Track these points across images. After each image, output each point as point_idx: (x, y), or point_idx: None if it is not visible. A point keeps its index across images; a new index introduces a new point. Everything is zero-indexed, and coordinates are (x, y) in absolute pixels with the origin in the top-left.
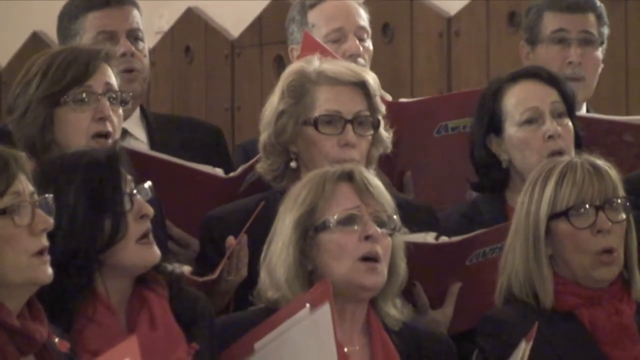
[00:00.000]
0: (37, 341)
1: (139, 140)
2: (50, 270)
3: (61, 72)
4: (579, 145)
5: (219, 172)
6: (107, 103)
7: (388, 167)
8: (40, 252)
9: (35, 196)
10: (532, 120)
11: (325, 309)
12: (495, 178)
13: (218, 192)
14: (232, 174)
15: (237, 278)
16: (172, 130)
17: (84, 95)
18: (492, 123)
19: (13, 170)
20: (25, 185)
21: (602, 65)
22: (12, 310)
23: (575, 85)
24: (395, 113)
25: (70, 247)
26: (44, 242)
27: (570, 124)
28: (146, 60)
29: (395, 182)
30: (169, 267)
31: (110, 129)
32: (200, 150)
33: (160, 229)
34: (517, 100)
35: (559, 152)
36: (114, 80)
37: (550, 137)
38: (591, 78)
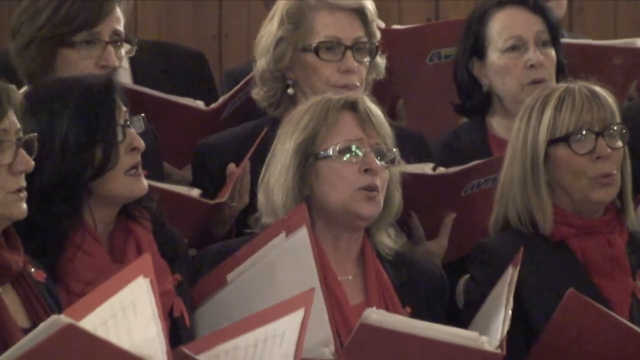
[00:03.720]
0: (13, 270)
1: (122, 67)
2: (25, 207)
3: (72, 14)
4: (562, 73)
5: (199, 104)
6: (112, 50)
7: (381, 94)
8: (18, 190)
9: (21, 134)
10: (515, 47)
11: (303, 233)
12: (476, 101)
13: (200, 124)
14: (212, 105)
15: (239, 205)
16: (155, 57)
17: (91, 40)
18: (476, 47)
19: (4, 106)
20: (12, 122)
21: None
22: None
23: None
24: (389, 40)
25: (60, 173)
26: (22, 182)
27: (553, 53)
28: None
29: (388, 110)
30: (153, 204)
31: None
32: (183, 76)
33: (156, 158)
34: (501, 27)
35: (540, 81)
36: (122, 24)
37: (532, 65)
38: None
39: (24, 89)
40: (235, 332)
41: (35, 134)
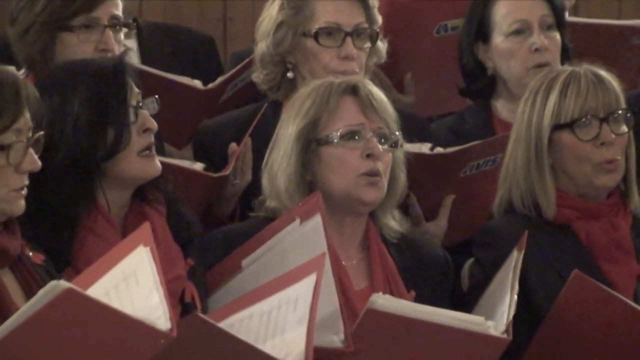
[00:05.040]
0: (11, 254)
1: (130, 49)
2: (23, 203)
3: None
4: (567, 57)
5: (197, 83)
6: (111, 34)
7: (389, 67)
8: (20, 188)
9: (30, 133)
10: (520, 31)
11: (317, 220)
12: (481, 84)
13: (198, 104)
14: (210, 85)
15: (242, 182)
16: (163, 39)
17: (89, 25)
18: (481, 30)
19: (22, 104)
20: (27, 121)
21: None
22: None
23: None
24: (396, 12)
25: (72, 154)
26: (25, 181)
27: (558, 36)
28: None
29: (395, 83)
30: (169, 186)
31: None
32: (191, 59)
33: (157, 136)
34: (506, 11)
35: (544, 65)
36: (120, 9)
37: (536, 49)
38: None
39: (22, 71)
40: (249, 302)
41: (44, 132)
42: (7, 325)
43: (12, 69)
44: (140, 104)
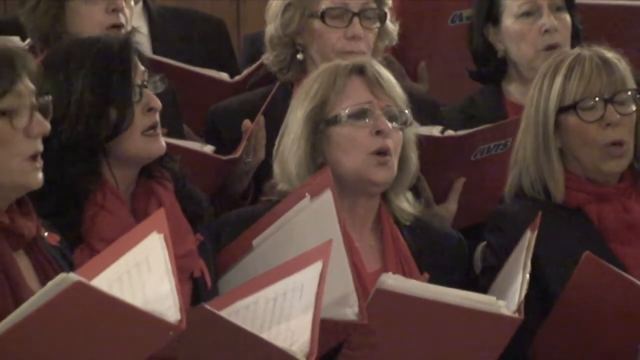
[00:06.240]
0: (26, 236)
1: (141, 32)
2: (40, 176)
3: None
4: (578, 38)
5: (224, 76)
6: None
7: (403, 56)
8: (34, 157)
9: (34, 98)
10: (530, 13)
11: (327, 196)
12: (492, 68)
13: (222, 95)
14: (237, 78)
15: (255, 160)
16: (173, 23)
17: None
18: (491, 13)
19: (18, 69)
20: (26, 85)
21: None
22: (1, 208)
23: None
24: (410, 1)
25: (76, 133)
26: (39, 146)
27: (568, 18)
28: None
29: (409, 72)
30: (175, 164)
31: (123, 20)
32: (202, 42)
33: (175, 117)
34: None
35: (555, 46)
36: None
37: (546, 30)
38: None
39: (28, 41)
40: (255, 288)
41: (50, 97)
42: (15, 315)
43: (10, 39)
44: (145, 83)
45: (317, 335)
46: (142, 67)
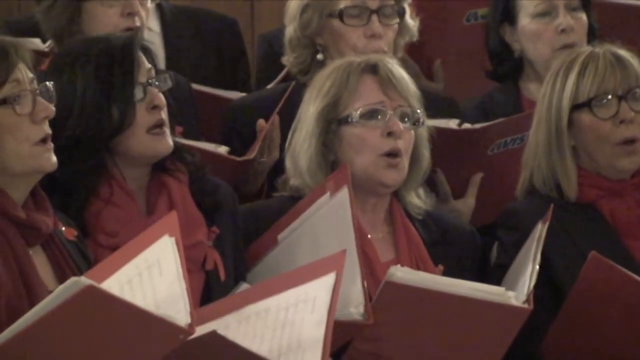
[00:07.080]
0: (43, 232)
1: (153, 31)
2: (54, 158)
3: None
4: (594, 37)
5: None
6: None
7: (418, 55)
8: (43, 140)
9: (35, 84)
10: (546, 12)
11: (344, 193)
12: (508, 67)
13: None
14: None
15: (269, 159)
16: (186, 21)
17: None
18: (507, 12)
19: (13, 59)
20: (24, 73)
21: None
22: (17, 201)
23: None
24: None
25: (79, 131)
26: (47, 129)
27: (584, 17)
28: None
29: (424, 70)
30: (190, 156)
31: (138, 24)
32: (214, 42)
33: (192, 116)
34: None
35: (571, 46)
36: None
37: (562, 30)
38: None
39: (48, 43)
40: (267, 292)
41: (51, 82)
42: (27, 318)
43: (31, 40)
44: (151, 80)
45: (328, 353)
46: (147, 65)
